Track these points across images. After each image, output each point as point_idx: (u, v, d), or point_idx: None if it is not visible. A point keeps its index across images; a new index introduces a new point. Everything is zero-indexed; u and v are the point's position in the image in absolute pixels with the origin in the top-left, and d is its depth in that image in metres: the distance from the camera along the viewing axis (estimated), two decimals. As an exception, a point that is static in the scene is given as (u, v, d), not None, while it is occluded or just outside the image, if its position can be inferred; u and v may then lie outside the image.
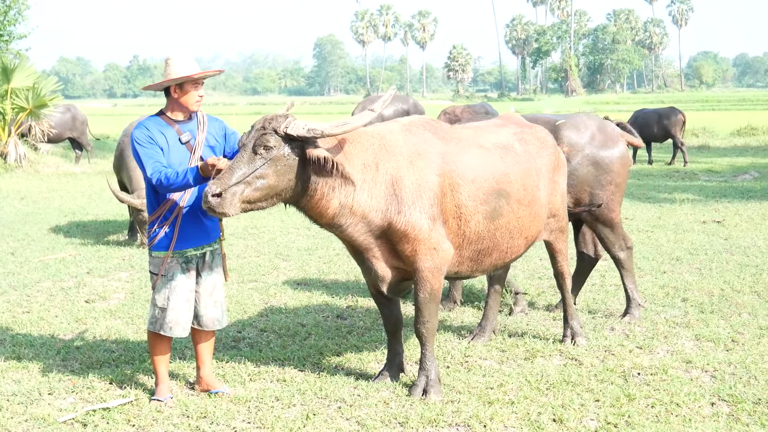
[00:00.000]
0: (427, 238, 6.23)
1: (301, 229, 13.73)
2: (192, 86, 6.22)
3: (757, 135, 34.80)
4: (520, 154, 6.97)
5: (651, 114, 25.39)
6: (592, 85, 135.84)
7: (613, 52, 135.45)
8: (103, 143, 32.36)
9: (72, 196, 18.95)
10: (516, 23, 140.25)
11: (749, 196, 17.30)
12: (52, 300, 9.47)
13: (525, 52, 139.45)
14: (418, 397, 6.38)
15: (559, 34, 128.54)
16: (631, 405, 6.17)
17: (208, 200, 5.58)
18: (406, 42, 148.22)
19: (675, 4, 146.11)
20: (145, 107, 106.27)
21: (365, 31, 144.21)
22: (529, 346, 7.59)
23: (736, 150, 30.00)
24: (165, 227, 6.23)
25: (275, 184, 5.75)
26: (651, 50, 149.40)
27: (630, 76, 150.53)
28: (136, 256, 11.97)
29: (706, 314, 8.55)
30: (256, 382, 6.80)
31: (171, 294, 6.28)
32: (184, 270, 6.31)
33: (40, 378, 6.90)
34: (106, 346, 7.77)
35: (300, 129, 5.76)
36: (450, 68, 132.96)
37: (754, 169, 22.45)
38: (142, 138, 6.15)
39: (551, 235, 7.52)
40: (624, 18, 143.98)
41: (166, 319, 6.28)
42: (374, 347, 7.68)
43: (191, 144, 6.28)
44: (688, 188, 18.97)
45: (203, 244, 6.37)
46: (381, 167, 6.13)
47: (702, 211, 15.36)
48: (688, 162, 24.67)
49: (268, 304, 9.22)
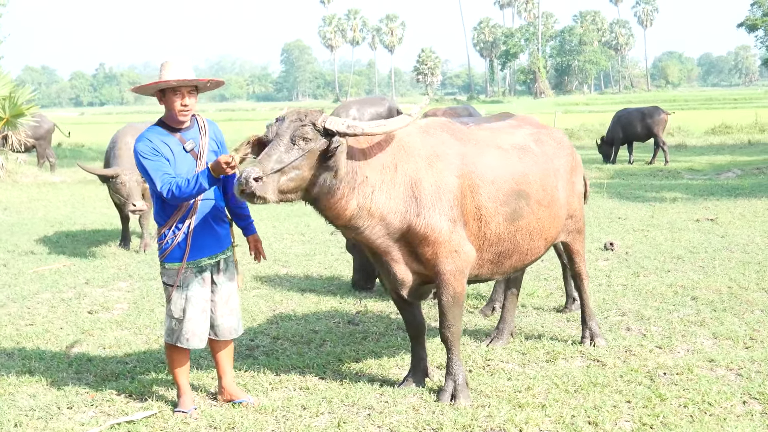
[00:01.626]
0: (447, 240, 6.14)
1: (295, 235, 13.59)
2: (173, 94, 6.01)
3: (732, 133, 35.13)
4: (538, 154, 6.92)
5: (634, 113, 25.50)
6: (560, 86, 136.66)
7: (580, 54, 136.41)
8: (79, 151, 32.03)
9: (55, 206, 18.66)
10: (483, 26, 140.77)
11: (737, 193, 17.38)
12: (54, 312, 9.28)
13: (493, 55, 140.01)
14: (447, 403, 6.29)
15: (527, 36, 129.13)
16: (664, 405, 6.12)
17: (249, 184, 5.34)
18: (374, 46, 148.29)
19: (640, 4, 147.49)
20: (112, 115, 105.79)
21: (333, 36, 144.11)
22: (548, 348, 7.53)
23: (713, 148, 30.22)
24: (177, 238, 6.08)
25: (307, 176, 5.62)
26: (617, 51, 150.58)
27: (597, 77, 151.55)
28: (132, 265, 11.78)
29: (718, 312, 8.53)
30: (279, 390, 6.68)
31: (187, 305, 6.14)
32: (199, 280, 6.17)
33: (56, 392, 6.74)
34: (119, 358, 7.61)
35: (339, 125, 5.66)
36: (419, 72, 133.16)
37: (736, 167, 22.62)
38: (146, 151, 5.97)
39: (569, 236, 7.47)
40: (590, 19, 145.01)
41: (183, 331, 6.14)
42: (393, 353, 7.58)
43: (195, 151, 6.12)
44: (674, 187, 19.04)
45: (217, 252, 6.23)
46: (399, 168, 6.03)
47: (692, 210, 15.41)
48: (669, 161, 24.78)
49: (276, 312, 9.10)
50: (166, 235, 6.10)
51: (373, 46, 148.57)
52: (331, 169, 5.68)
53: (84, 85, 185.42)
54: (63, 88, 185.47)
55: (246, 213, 6.45)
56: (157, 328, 8.53)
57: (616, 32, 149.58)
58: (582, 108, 71.91)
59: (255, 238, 6.55)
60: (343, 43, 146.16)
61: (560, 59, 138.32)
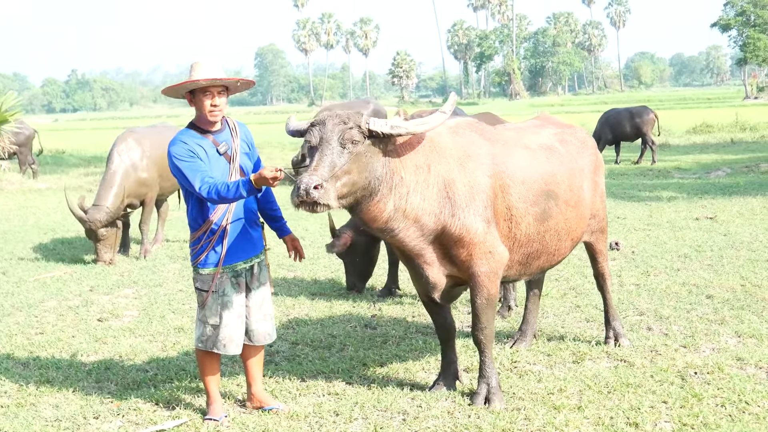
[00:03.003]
0: (482, 241, 6.06)
1: (295, 239, 13.45)
2: (203, 95, 5.90)
3: (713, 132, 35.35)
4: (564, 154, 6.86)
5: (623, 113, 25.54)
6: (534, 88, 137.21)
7: (554, 55, 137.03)
8: (60, 158, 31.72)
9: (45, 213, 18.43)
10: (457, 28, 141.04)
11: (731, 191, 17.43)
12: (63, 319, 9.12)
13: (467, 57, 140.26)
14: (481, 406, 6.22)
15: (501, 38, 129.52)
16: (702, 405, 6.08)
17: (311, 194, 5.20)
18: (348, 49, 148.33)
19: (612, 6, 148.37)
20: (86, 121, 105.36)
21: (307, 40, 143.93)
22: (573, 349, 7.47)
23: (697, 147, 30.37)
24: (212, 242, 5.97)
25: (357, 180, 5.52)
26: (590, 52, 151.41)
27: (571, 78, 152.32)
28: (135, 271, 11.63)
29: (736, 310, 8.51)
30: (307, 396, 6.58)
31: (224, 310, 6.02)
32: (234, 285, 6.06)
33: (79, 402, 6.60)
34: (138, 366, 7.48)
35: (383, 126, 5.59)
36: (394, 74, 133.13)
37: (725, 165, 22.72)
38: (182, 153, 5.84)
39: (592, 236, 7.42)
40: (563, 21, 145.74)
41: (220, 336, 6.02)
42: (417, 356, 7.49)
43: (229, 153, 6.03)
44: (667, 186, 19.08)
45: (252, 256, 6.13)
46: (433, 169, 5.95)
47: (690, 208, 15.43)
48: (656, 161, 24.85)
49: (291, 316, 8.99)
50: (200, 240, 5.98)
51: (347, 50, 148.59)
52: (375, 170, 5.60)
53: (56, 91, 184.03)
54: (35, 95, 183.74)
55: (278, 214, 6.36)
56: (171, 336, 8.40)
57: (589, 33, 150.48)
58: (558, 109, 72.10)
59: (291, 238, 6.44)
60: (317, 46, 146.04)
61: (534, 61, 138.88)
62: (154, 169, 12.78)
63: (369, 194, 5.66)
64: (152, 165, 12.74)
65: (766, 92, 79.97)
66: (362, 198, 5.65)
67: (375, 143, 5.67)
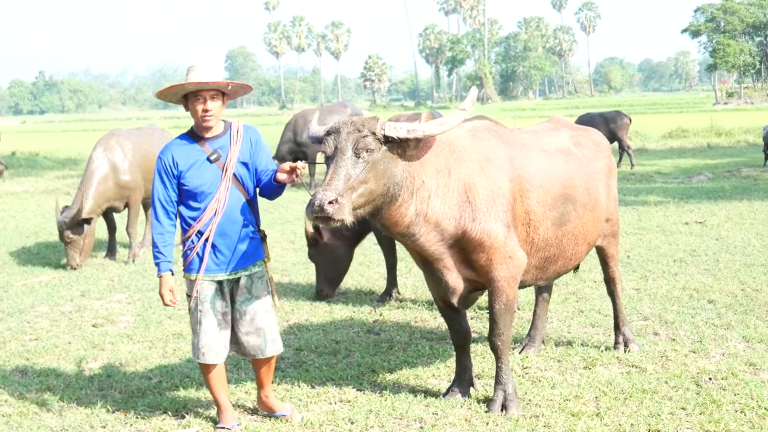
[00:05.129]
0: (502, 246, 5.96)
1: (285, 243, 13.33)
2: (195, 99, 5.71)
3: (689, 137, 35.53)
4: (580, 157, 6.78)
5: (597, 118, 25.53)
6: (506, 92, 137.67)
7: (525, 60, 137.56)
8: (34, 160, 31.31)
9: (25, 217, 18.11)
10: (429, 32, 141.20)
11: (717, 196, 17.49)
12: (57, 325, 8.92)
13: (438, 61, 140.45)
14: (498, 413, 6.12)
15: (473, 42, 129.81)
16: (721, 412, 6.01)
17: (326, 209, 5.08)
18: (320, 53, 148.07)
19: (583, 11, 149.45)
20: (55, 123, 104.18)
21: (278, 43, 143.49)
22: (583, 355, 7.40)
23: (674, 152, 30.51)
24: (197, 248, 5.79)
25: (374, 188, 5.38)
26: (561, 57, 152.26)
27: (542, 83, 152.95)
28: (125, 276, 11.43)
29: (740, 315, 8.48)
30: (319, 404, 6.45)
31: (203, 318, 5.82)
32: (217, 292, 5.85)
33: (84, 410, 6.44)
34: (141, 373, 7.31)
35: (400, 130, 5.45)
36: (366, 78, 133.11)
37: (706, 170, 22.81)
38: (159, 165, 5.79)
39: (604, 240, 7.34)
40: (534, 26, 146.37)
41: (199, 344, 5.83)
42: (425, 362, 7.39)
43: (222, 161, 5.79)
44: (651, 190, 19.11)
45: (237, 269, 5.85)
46: (453, 173, 5.84)
47: (678, 213, 15.44)
48: (635, 165, 24.90)
49: (291, 322, 8.86)
50: (186, 244, 5.84)
51: (318, 53, 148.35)
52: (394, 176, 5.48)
53: (23, 93, 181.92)
54: (2, 96, 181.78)
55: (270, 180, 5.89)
56: (171, 341, 8.23)
57: (560, 38, 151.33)
58: (530, 113, 72.25)
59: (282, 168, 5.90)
60: (288, 49, 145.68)
61: (505, 65, 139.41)
62: (137, 171, 12.57)
63: (389, 200, 5.53)
64: (135, 167, 12.53)
65: (735, 98, 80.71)
66: (383, 204, 5.52)
67: (392, 148, 5.53)
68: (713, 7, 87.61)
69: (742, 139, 33.31)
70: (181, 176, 5.74)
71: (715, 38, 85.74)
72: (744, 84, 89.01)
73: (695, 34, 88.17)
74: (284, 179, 5.76)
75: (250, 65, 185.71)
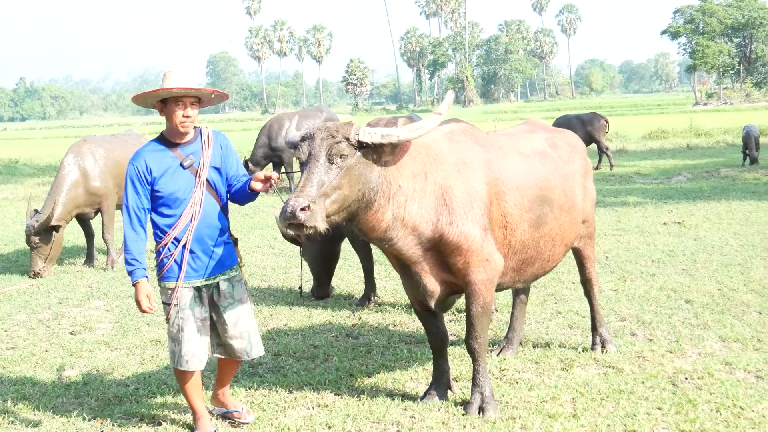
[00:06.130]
0: (479, 249, 5.97)
1: (265, 248, 13.30)
2: (175, 105, 5.70)
3: (668, 138, 35.72)
4: (557, 159, 6.81)
5: (574, 120, 25.62)
6: (487, 95, 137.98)
7: (506, 62, 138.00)
8: (14, 167, 31.14)
9: (4, 224, 17.98)
10: (410, 36, 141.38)
11: (695, 196, 17.58)
12: (35, 333, 8.87)
13: (420, 64, 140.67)
14: (476, 416, 6.12)
15: (455, 45, 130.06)
16: (697, 411, 6.04)
17: (297, 216, 5.06)
18: (301, 57, 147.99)
19: (563, 13, 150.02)
20: (36, 130, 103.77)
21: (260, 47, 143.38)
22: (560, 356, 7.41)
23: (654, 152, 30.63)
24: (174, 256, 5.77)
25: (349, 194, 5.38)
26: (542, 59, 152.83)
27: (523, 85, 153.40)
28: (104, 283, 11.38)
29: (717, 315, 8.53)
30: (296, 409, 6.44)
31: (185, 325, 5.80)
32: (196, 298, 5.83)
33: (60, 419, 6.40)
34: (118, 381, 7.27)
35: (374, 136, 5.43)
36: (348, 82, 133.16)
37: (686, 171, 22.92)
38: (131, 172, 5.74)
39: (581, 241, 7.37)
40: (515, 29, 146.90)
41: (182, 352, 5.80)
42: (403, 366, 7.39)
43: (195, 167, 5.79)
44: (631, 191, 19.18)
45: (215, 273, 5.86)
46: (430, 177, 5.84)
47: (657, 213, 15.52)
48: (614, 166, 24.99)
49: (269, 327, 8.83)
50: (161, 253, 5.80)
51: (300, 57, 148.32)
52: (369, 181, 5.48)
53: (4, 100, 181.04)
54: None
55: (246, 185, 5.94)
56: (149, 348, 8.20)
57: (541, 41, 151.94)
58: (512, 116, 72.50)
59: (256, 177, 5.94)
60: (270, 54, 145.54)
61: (487, 68, 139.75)
62: (109, 178, 12.51)
63: (366, 205, 5.53)
64: (106, 174, 12.48)
65: (715, 98, 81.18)
66: (359, 210, 5.52)
67: (367, 154, 5.51)
68: (692, 8, 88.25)
69: (721, 139, 33.50)
70: (154, 183, 5.72)
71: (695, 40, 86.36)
72: (723, 85, 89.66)
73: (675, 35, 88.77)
74: (259, 188, 5.80)
75: (231, 70, 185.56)
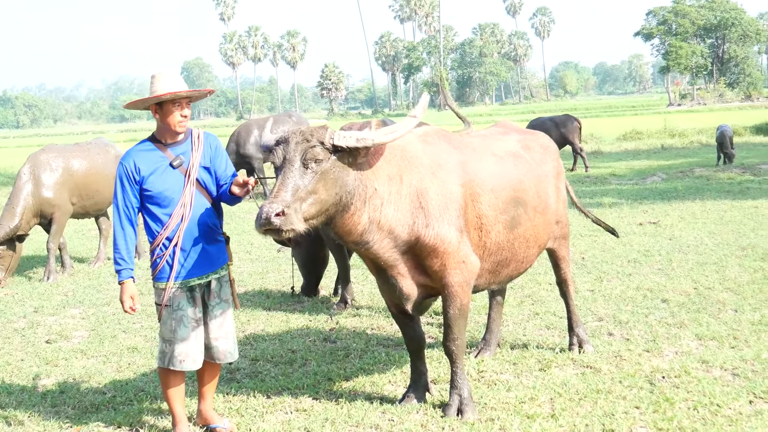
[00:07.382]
0: (456, 251, 5.97)
1: (242, 254, 13.25)
2: (173, 105, 5.73)
3: (643, 138, 35.95)
4: (530, 161, 6.83)
5: (547, 122, 25.72)
6: (462, 98, 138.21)
7: (481, 65, 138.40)
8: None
9: (-23, 233, 17.85)
10: (385, 40, 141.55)
11: (670, 196, 17.69)
12: (10, 343, 8.80)
13: (395, 69, 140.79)
14: (454, 417, 6.12)
15: (429, 49, 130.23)
16: (674, 409, 6.07)
17: (272, 221, 5.06)
18: (276, 62, 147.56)
19: (537, 16, 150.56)
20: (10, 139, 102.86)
21: (234, 53, 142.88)
22: (538, 357, 7.43)
23: (629, 153, 30.79)
24: (165, 256, 5.78)
25: (325, 198, 5.37)
26: (516, 62, 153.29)
27: (498, 88, 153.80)
28: (79, 291, 11.30)
29: (693, 313, 8.58)
30: (274, 414, 6.41)
31: (178, 325, 5.80)
32: (189, 299, 5.84)
33: (36, 427, 6.35)
34: (95, 388, 7.22)
35: (349, 139, 5.43)
36: (323, 87, 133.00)
37: (660, 171, 23.06)
38: (120, 171, 5.76)
39: (555, 242, 7.39)
40: (489, 32, 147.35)
41: (176, 353, 5.80)
42: (381, 369, 7.38)
43: (184, 167, 5.82)
44: (606, 192, 19.27)
45: (208, 272, 5.89)
46: (405, 179, 5.84)
47: (632, 214, 15.60)
48: (589, 167, 25.12)
49: (247, 332, 8.80)
50: (154, 253, 5.80)
51: (274, 63, 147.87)
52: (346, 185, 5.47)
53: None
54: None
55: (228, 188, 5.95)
56: (125, 356, 8.16)
57: (515, 44, 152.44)
58: (487, 119, 72.53)
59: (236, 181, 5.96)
60: (244, 60, 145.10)
61: (461, 71, 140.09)
62: (64, 188, 12.42)
63: (342, 209, 5.52)
64: (60, 185, 12.38)
65: (688, 99, 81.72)
66: (335, 213, 5.51)
67: (342, 157, 5.51)
68: (665, 10, 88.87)
69: (695, 139, 33.73)
70: (143, 182, 5.74)
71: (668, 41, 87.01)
72: (696, 86, 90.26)
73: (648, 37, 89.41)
74: (238, 192, 5.81)
75: (206, 76, 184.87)
